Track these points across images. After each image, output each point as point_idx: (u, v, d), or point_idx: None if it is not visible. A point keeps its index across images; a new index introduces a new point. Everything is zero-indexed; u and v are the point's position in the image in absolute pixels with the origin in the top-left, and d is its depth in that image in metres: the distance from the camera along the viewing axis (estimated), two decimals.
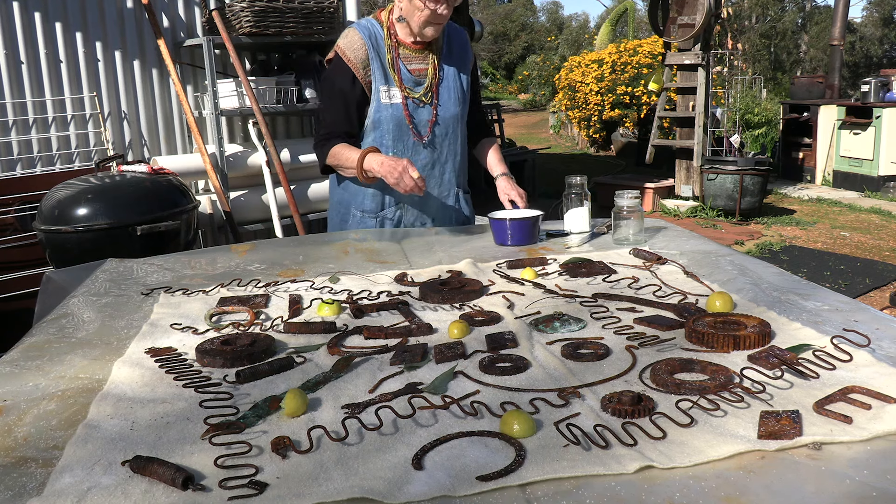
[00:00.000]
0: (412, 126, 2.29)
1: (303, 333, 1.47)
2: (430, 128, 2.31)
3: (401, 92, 2.26)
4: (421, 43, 2.30)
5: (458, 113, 2.36)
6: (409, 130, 2.29)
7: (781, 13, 24.01)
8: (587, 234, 2.22)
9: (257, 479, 0.92)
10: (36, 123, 4.16)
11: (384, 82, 2.26)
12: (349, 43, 2.27)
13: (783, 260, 5.94)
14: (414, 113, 2.29)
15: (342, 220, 2.44)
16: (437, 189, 2.40)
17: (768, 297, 1.56)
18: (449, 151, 2.38)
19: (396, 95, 2.27)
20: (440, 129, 2.33)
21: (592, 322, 1.47)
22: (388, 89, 2.26)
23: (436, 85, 2.31)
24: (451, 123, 2.35)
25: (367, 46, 2.26)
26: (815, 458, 0.92)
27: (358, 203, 2.39)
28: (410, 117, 2.28)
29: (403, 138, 2.30)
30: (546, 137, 15.17)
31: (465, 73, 2.39)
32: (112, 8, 4.35)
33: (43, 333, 1.53)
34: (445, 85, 2.34)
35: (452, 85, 2.35)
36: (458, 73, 2.37)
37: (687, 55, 7.59)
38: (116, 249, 2.62)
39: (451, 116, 2.34)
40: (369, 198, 2.37)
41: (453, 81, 2.35)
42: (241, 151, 4.65)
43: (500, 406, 1.09)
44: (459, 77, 2.37)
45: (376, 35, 2.29)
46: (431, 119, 2.31)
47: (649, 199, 8.06)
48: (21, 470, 0.97)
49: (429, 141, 2.33)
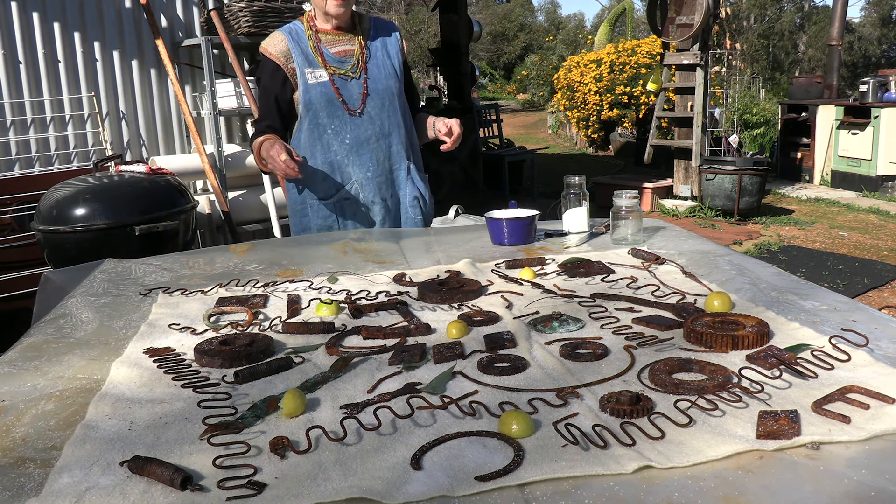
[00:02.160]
0: (342, 100, 2.38)
1: (301, 333, 1.47)
2: (362, 100, 2.40)
3: (325, 71, 2.37)
4: (340, 28, 2.42)
5: (391, 86, 2.44)
6: (340, 105, 2.38)
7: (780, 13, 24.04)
8: (586, 234, 2.22)
9: (256, 479, 0.92)
10: (34, 123, 4.15)
11: (307, 65, 2.38)
12: (270, 41, 2.42)
13: (781, 260, 5.94)
14: (342, 88, 2.38)
15: (302, 214, 2.49)
16: (386, 162, 2.47)
17: (767, 296, 1.56)
18: (391, 124, 2.44)
19: (322, 75, 2.37)
20: (374, 101, 2.41)
21: (591, 322, 1.47)
22: (312, 70, 2.37)
23: (363, 62, 2.42)
24: (385, 96, 2.42)
25: (287, 39, 2.39)
26: (814, 457, 0.92)
27: (312, 192, 2.46)
28: (339, 91, 2.37)
29: (337, 113, 2.39)
30: (544, 137, 15.18)
31: (395, 55, 2.48)
32: (110, 8, 4.35)
33: (41, 334, 1.53)
34: (374, 62, 2.43)
35: (381, 63, 2.45)
36: (388, 54, 2.47)
37: (685, 55, 7.60)
38: (115, 249, 2.62)
39: (383, 89, 2.42)
40: (320, 183, 2.43)
41: (382, 59, 2.45)
42: (239, 151, 4.64)
43: (499, 406, 1.09)
44: (389, 56, 2.47)
45: (297, 30, 2.42)
46: (363, 92, 2.40)
47: (648, 199, 8.07)
48: (19, 470, 0.97)
49: (364, 114, 2.39)
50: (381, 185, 2.46)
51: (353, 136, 2.40)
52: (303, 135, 2.39)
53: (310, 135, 2.39)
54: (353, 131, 2.39)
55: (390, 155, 2.46)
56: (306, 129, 2.39)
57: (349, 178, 2.43)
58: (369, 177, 2.44)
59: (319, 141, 2.39)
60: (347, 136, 2.40)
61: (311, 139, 2.39)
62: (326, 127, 2.39)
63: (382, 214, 2.48)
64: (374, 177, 2.44)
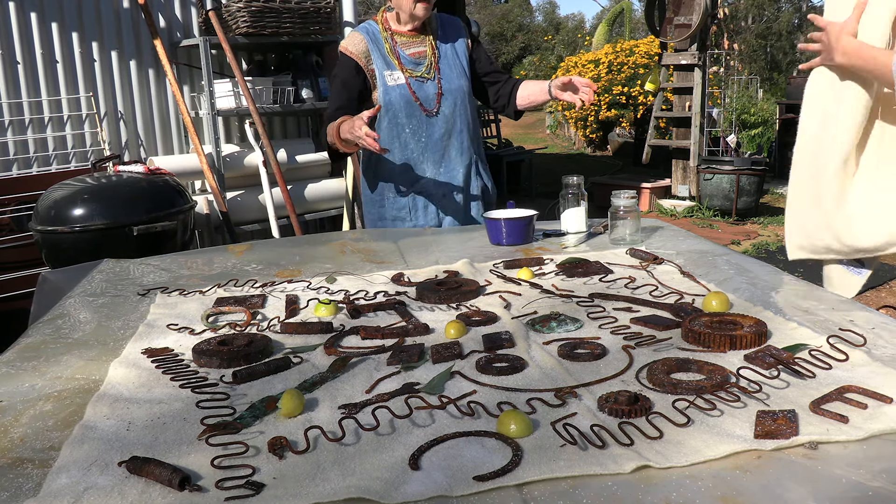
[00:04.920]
0: (419, 101, 2.47)
1: (299, 334, 1.47)
2: (437, 101, 2.49)
3: (403, 73, 2.46)
4: (414, 30, 2.49)
5: (462, 85, 2.53)
6: (417, 106, 2.48)
7: (778, 13, 24.05)
8: (584, 233, 2.22)
9: (254, 479, 0.92)
10: (32, 124, 4.15)
11: (386, 67, 2.46)
12: (350, 40, 2.51)
13: (779, 260, 5.94)
14: (419, 90, 2.47)
15: (379, 205, 2.59)
16: (458, 158, 2.56)
17: (765, 296, 1.57)
18: (462, 122, 2.54)
19: (400, 77, 2.46)
20: (448, 101, 2.51)
21: (589, 322, 1.47)
22: (391, 73, 2.46)
23: (436, 62, 2.50)
24: (458, 95, 2.52)
25: (367, 40, 2.49)
26: (812, 457, 0.92)
27: (389, 186, 2.56)
28: (415, 94, 2.46)
29: (415, 113, 2.48)
30: (543, 137, 15.18)
31: (463, 53, 2.56)
32: (108, 8, 4.35)
33: (39, 334, 1.53)
34: (445, 62, 2.52)
35: (452, 62, 2.53)
36: (456, 53, 2.54)
37: (683, 55, 7.60)
38: (113, 250, 2.61)
39: (456, 88, 2.51)
40: (398, 176, 2.54)
41: (452, 58, 2.53)
42: (237, 152, 4.64)
43: (497, 406, 1.09)
44: (458, 55, 2.54)
45: (374, 31, 2.51)
46: (438, 92, 2.49)
47: (646, 199, 8.07)
48: (17, 471, 0.97)
49: (439, 113, 2.49)
50: (452, 179, 2.56)
51: (429, 134, 2.50)
52: (382, 133, 2.47)
53: (388, 133, 2.48)
54: (429, 130, 2.50)
55: (462, 151, 2.56)
56: (385, 128, 2.48)
57: (423, 173, 2.53)
58: (441, 172, 2.54)
59: (398, 139, 2.49)
60: (423, 135, 2.50)
61: (390, 137, 2.48)
62: (405, 126, 2.48)
63: (453, 208, 2.58)
64: (446, 172, 2.55)
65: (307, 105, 4.75)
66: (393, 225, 2.58)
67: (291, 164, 4.74)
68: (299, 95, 4.76)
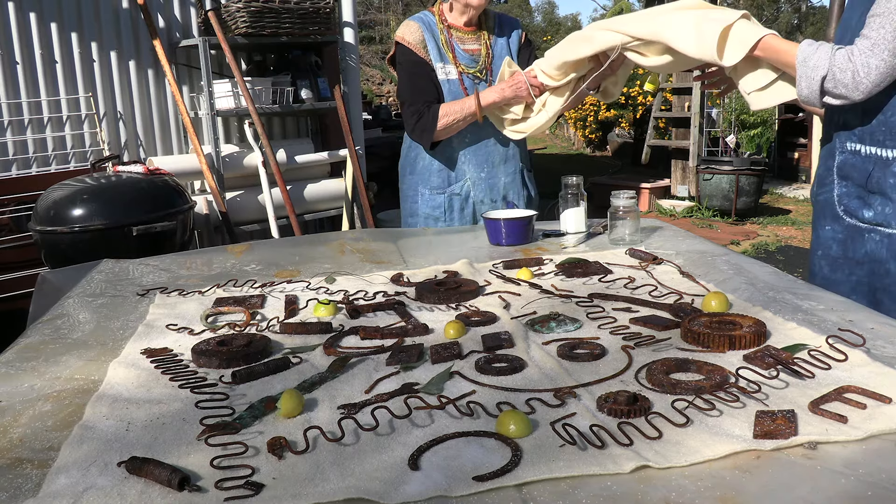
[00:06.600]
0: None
1: (299, 334, 1.47)
2: None
3: (456, 68, 2.41)
4: (472, 25, 2.44)
5: None
6: None
7: (777, 14, 24.06)
8: (583, 234, 2.22)
9: (253, 479, 0.92)
10: (31, 124, 4.15)
11: (440, 60, 2.41)
12: (406, 29, 2.46)
13: (779, 260, 5.95)
14: (470, 88, 2.41)
15: (412, 200, 2.54)
16: (501, 164, 2.50)
17: (764, 296, 1.57)
18: None
19: (452, 72, 2.41)
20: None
21: (588, 322, 1.47)
22: (443, 66, 2.41)
23: (489, 63, 2.44)
24: None
25: (423, 29, 2.43)
26: (811, 457, 0.92)
27: (425, 181, 2.50)
28: (467, 92, 2.40)
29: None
30: (542, 138, 15.19)
31: (516, 55, 2.49)
32: (108, 8, 4.34)
33: (38, 334, 1.53)
34: (498, 64, 2.43)
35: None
36: (511, 54, 2.47)
37: None
38: (112, 250, 2.61)
39: None
40: (435, 174, 2.48)
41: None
42: (237, 152, 4.64)
43: (497, 406, 1.09)
44: (512, 56, 2.46)
45: (429, 22, 2.46)
46: None
47: (645, 200, 8.07)
48: (16, 471, 0.97)
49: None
50: (492, 186, 2.50)
51: (474, 135, 2.44)
52: None
53: None
54: (475, 131, 2.44)
55: (506, 158, 2.50)
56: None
57: (463, 175, 2.48)
58: (482, 177, 2.48)
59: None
60: (468, 135, 2.44)
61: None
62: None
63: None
64: (487, 178, 2.49)
65: (306, 105, 4.74)
66: (424, 223, 2.51)
67: (291, 164, 4.74)
68: (298, 96, 4.75)
